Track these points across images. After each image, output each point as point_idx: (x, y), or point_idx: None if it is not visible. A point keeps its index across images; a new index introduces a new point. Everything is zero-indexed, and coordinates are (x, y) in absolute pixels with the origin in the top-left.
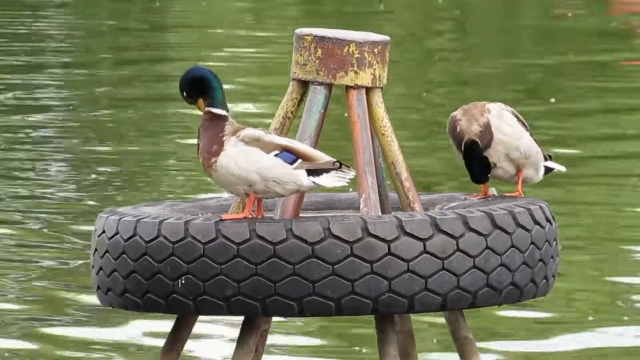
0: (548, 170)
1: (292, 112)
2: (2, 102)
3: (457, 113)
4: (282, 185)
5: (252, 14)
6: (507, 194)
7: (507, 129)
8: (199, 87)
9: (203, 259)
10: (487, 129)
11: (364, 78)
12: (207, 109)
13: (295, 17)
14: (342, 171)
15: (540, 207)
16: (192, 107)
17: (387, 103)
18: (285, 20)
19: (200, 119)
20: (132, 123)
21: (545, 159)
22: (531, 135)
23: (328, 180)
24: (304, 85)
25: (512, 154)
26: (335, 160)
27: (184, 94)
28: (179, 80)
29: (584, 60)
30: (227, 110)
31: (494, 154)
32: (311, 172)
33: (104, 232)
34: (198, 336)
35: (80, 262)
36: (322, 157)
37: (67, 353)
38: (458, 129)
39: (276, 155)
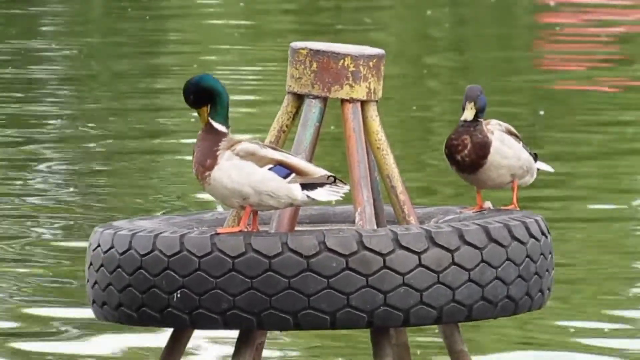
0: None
1: (287, 126)
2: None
3: (454, 135)
4: (276, 199)
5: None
6: (502, 207)
7: (508, 152)
8: (205, 97)
9: (198, 272)
10: (486, 147)
11: (359, 91)
12: (209, 119)
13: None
14: (337, 185)
15: (536, 220)
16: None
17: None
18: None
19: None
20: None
21: (535, 160)
22: (524, 145)
23: (322, 194)
24: (299, 98)
25: (515, 172)
26: (329, 174)
27: (190, 97)
28: (188, 82)
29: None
30: (228, 127)
31: (494, 171)
32: (305, 186)
33: (99, 246)
34: (194, 350)
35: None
36: (317, 172)
37: None
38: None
39: (270, 169)
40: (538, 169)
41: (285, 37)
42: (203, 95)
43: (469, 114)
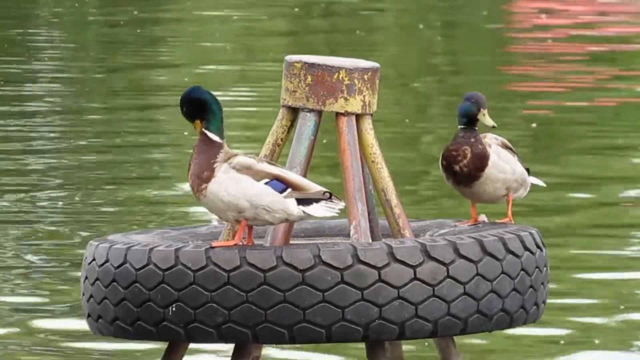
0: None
1: (282, 139)
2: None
3: (453, 146)
4: (272, 214)
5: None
6: (497, 220)
7: (505, 166)
8: (198, 108)
9: (193, 286)
10: (485, 159)
11: (354, 105)
12: (203, 129)
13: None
14: (332, 202)
15: (531, 233)
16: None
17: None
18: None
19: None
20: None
21: (527, 174)
22: (519, 159)
23: (317, 210)
24: (294, 112)
25: (510, 185)
26: (325, 190)
27: (183, 110)
28: (181, 96)
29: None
30: (223, 138)
31: (490, 184)
32: (301, 202)
33: (94, 259)
34: None
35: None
36: (313, 187)
37: None
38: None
39: (266, 183)
40: (531, 183)
41: (279, 51)
42: (195, 108)
43: (491, 120)
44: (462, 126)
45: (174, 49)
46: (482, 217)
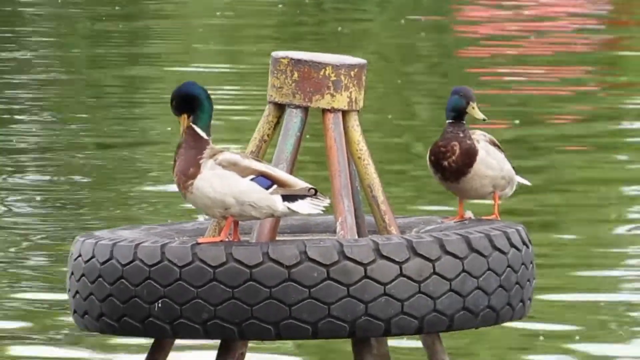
0: None
1: (268, 135)
2: None
3: (442, 141)
4: (258, 210)
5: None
6: (483, 217)
7: (493, 163)
8: (189, 103)
9: (179, 282)
10: (473, 155)
11: (340, 101)
12: (191, 124)
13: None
14: (318, 198)
15: (517, 230)
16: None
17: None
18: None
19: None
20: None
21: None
22: (506, 157)
23: (303, 206)
24: (280, 108)
25: (498, 182)
26: (310, 187)
27: (173, 103)
28: (174, 90)
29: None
30: (209, 135)
31: (477, 180)
32: (286, 198)
33: (80, 255)
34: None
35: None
36: (298, 184)
37: None
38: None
39: (252, 179)
40: (517, 182)
41: (266, 47)
42: (185, 103)
43: (480, 113)
44: (450, 120)
45: (157, 44)
46: (469, 214)
